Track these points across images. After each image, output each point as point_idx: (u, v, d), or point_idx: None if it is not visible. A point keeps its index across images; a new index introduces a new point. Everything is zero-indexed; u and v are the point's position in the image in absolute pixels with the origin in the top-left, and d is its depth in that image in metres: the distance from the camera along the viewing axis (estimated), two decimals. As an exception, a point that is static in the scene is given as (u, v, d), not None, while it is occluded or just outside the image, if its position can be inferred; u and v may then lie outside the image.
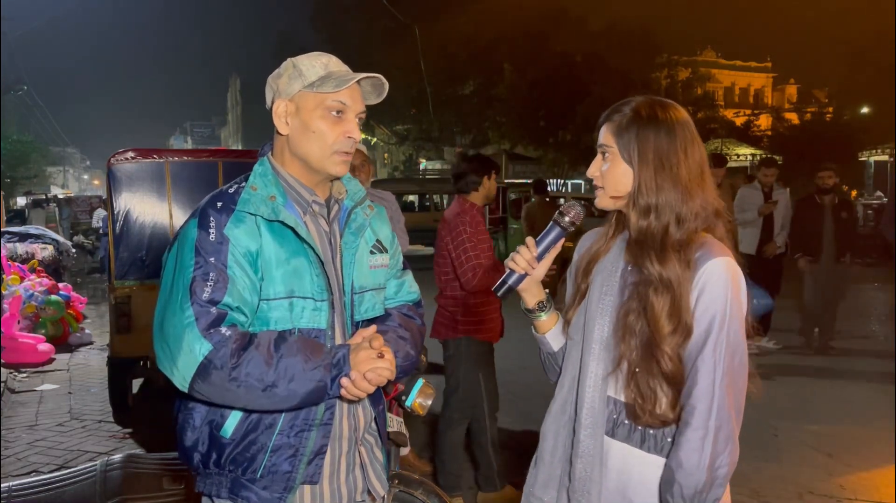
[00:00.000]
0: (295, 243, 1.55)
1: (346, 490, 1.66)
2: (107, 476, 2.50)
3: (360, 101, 1.62)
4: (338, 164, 1.60)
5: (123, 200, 5.04)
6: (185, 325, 1.44)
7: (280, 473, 1.54)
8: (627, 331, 1.47)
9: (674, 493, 1.42)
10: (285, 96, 1.60)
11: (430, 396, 2.34)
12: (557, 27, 25.43)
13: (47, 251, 10.89)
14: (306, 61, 1.60)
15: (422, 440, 4.49)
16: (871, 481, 3.95)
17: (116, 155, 5.15)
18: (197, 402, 1.55)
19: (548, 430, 1.64)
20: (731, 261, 1.44)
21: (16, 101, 35.50)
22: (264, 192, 1.57)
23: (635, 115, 1.49)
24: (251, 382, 1.43)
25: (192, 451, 1.57)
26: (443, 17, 26.08)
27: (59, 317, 7.64)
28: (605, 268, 1.57)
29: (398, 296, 1.80)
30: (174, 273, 1.52)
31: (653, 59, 25.55)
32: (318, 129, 1.57)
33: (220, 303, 1.46)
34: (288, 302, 1.54)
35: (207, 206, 1.54)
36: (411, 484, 2.43)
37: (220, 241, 1.49)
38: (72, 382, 6.30)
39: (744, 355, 1.45)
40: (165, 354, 1.49)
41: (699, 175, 1.48)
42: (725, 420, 1.42)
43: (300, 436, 1.55)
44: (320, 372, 1.47)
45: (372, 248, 1.72)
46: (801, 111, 33.18)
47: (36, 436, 4.87)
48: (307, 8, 31.24)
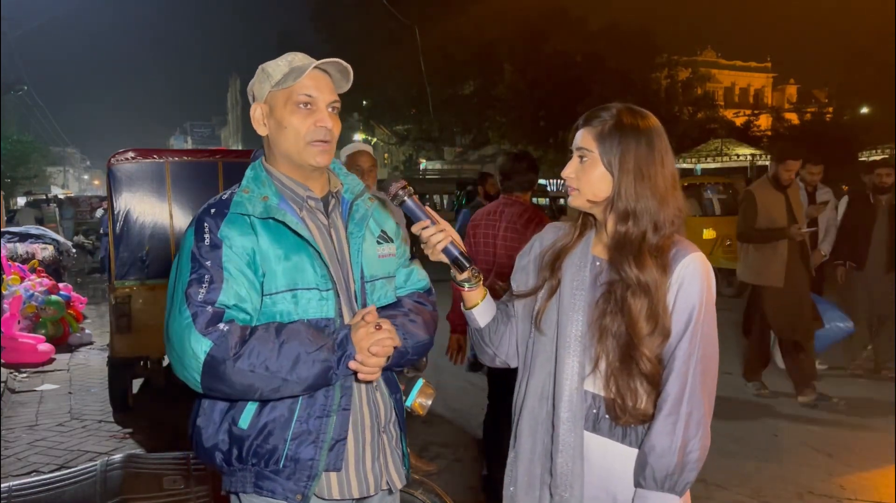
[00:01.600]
0: (292, 238, 1.59)
1: (372, 478, 1.69)
2: (107, 476, 2.50)
3: (328, 91, 1.65)
4: (315, 154, 1.63)
5: (123, 200, 5.04)
6: (185, 327, 1.49)
7: (303, 461, 1.57)
8: (603, 332, 1.52)
9: (646, 476, 1.48)
10: (259, 99, 1.67)
11: (431, 396, 2.33)
12: (557, 27, 25.43)
13: (47, 251, 10.88)
14: (273, 63, 1.68)
15: (422, 440, 4.50)
16: (871, 481, 3.95)
17: (116, 155, 5.16)
18: (215, 401, 1.60)
19: (524, 428, 1.65)
20: (704, 256, 1.53)
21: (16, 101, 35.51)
22: (256, 192, 1.62)
23: (618, 122, 1.52)
24: (257, 370, 1.47)
25: (213, 451, 1.61)
26: (443, 17, 26.07)
27: (59, 317, 7.64)
28: (573, 263, 1.61)
29: (408, 285, 1.84)
30: (175, 282, 1.57)
31: (653, 59, 25.56)
32: (289, 123, 1.62)
33: (217, 303, 1.50)
34: (291, 294, 1.57)
35: (202, 214, 1.60)
36: (411, 484, 2.42)
37: (215, 244, 1.55)
38: (72, 382, 6.29)
39: (716, 344, 1.52)
40: (174, 359, 1.54)
41: (673, 183, 1.54)
42: (697, 406, 1.47)
43: (319, 422, 1.58)
44: (324, 352, 1.51)
45: (378, 238, 1.77)
46: (801, 111, 33.17)
47: (36, 436, 4.86)
48: (307, 8, 31.25)
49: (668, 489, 1.47)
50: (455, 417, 5.02)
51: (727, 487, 3.78)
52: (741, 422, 4.81)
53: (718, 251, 10.67)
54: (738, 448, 4.39)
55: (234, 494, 1.65)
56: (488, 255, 3.55)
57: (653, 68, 25.74)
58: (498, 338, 1.74)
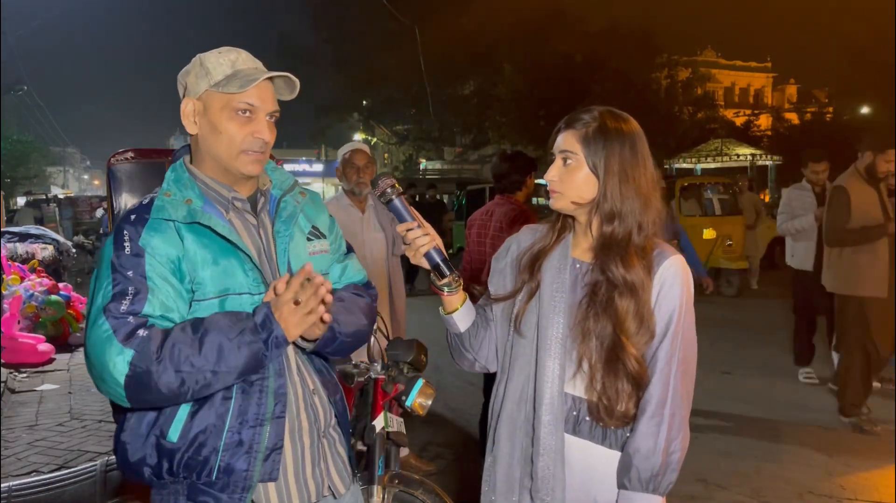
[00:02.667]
0: (220, 242, 1.53)
1: (313, 485, 1.64)
2: (107, 476, 2.50)
3: (270, 101, 1.58)
4: (247, 164, 1.57)
5: (123, 200, 5.03)
6: (105, 339, 1.41)
7: (237, 472, 1.51)
8: (586, 334, 1.53)
9: (631, 478, 1.49)
10: (193, 95, 1.57)
11: (431, 396, 2.34)
12: (557, 27, 25.39)
13: (47, 251, 10.87)
14: (213, 59, 1.56)
15: (422, 440, 4.49)
16: (871, 481, 3.94)
17: (116, 155, 5.13)
18: (142, 413, 1.53)
19: (502, 432, 1.64)
20: (683, 259, 1.56)
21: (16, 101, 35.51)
22: (179, 196, 1.54)
23: (602, 125, 1.54)
24: (183, 369, 1.40)
25: (140, 466, 1.52)
26: (443, 17, 26.03)
27: (59, 317, 7.64)
28: (553, 265, 1.61)
29: (343, 279, 1.78)
30: (93, 295, 1.49)
31: (653, 59, 25.50)
32: (225, 129, 1.54)
33: (141, 313, 1.43)
34: (219, 301, 1.52)
35: (122, 222, 1.51)
36: (411, 484, 2.42)
37: (136, 253, 1.47)
38: (72, 382, 6.29)
39: (695, 346, 1.55)
40: (95, 376, 1.46)
41: (654, 185, 1.57)
42: (679, 407, 1.50)
43: (252, 432, 1.51)
44: (247, 335, 1.44)
45: (308, 235, 1.70)
46: (801, 111, 33.18)
47: (36, 436, 4.86)
48: (307, 8, 31.15)
49: (653, 490, 1.49)
50: (455, 417, 5.02)
51: (727, 487, 3.78)
52: (741, 422, 4.83)
53: (718, 251, 10.68)
54: (738, 448, 4.40)
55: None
56: (482, 255, 3.64)
57: (653, 68, 25.68)
58: (478, 342, 1.73)
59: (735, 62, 49.67)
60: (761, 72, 51.28)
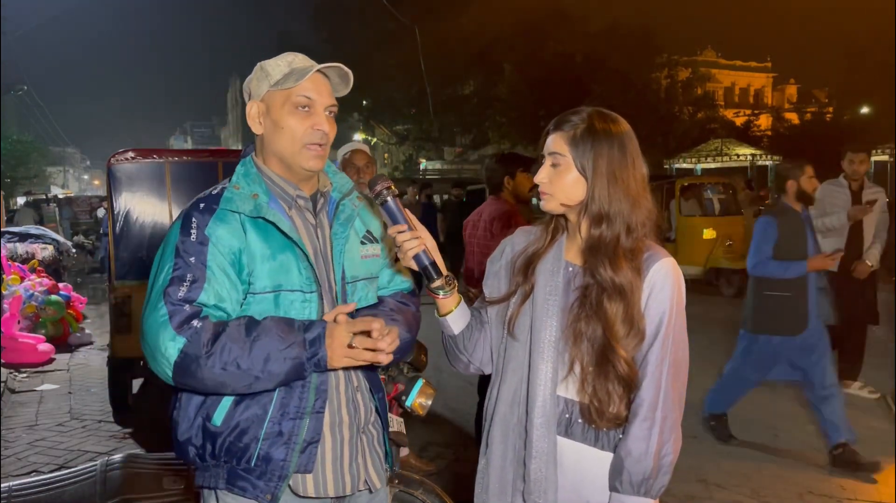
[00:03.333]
0: (280, 239, 1.59)
1: (349, 478, 1.68)
2: (107, 476, 2.50)
3: (327, 95, 1.65)
4: (310, 158, 1.63)
5: (123, 200, 5.04)
6: (160, 324, 1.49)
7: (274, 461, 1.57)
8: (578, 337, 1.53)
9: (622, 481, 1.49)
10: (256, 97, 1.66)
11: (431, 396, 2.34)
12: (557, 27, 25.41)
13: (47, 251, 10.87)
14: (272, 62, 1.66)
15: (422, 440, 4.49)
16: (871, 481, 3.95)
17: (116, 155, 5.15)
18: (190, 394, 1.60)
19: (496, 434, 1.64)
20: (675, 261, 1.55)
21: (16, 101, 35.57)
22: (247, 190, 1.61)
23: (590, 127, 1.53)
24: (229, 368, 1.47)
25: (187, 445, 1.61)
26: (443, 17, 26.01)
27: (59, 317, 7.64)
28: (546, 268, 1.61)
29: (391, 285, 1.83)
30: (155, 276, 1.56)
31: (653, 59, 25.51)
32: (286, 125, 1.62)
33: (196, 301, 1.50)
34: (273, 295, 1.57)
35: (191, 209, 1.59)
36: (411, 484, 2.42)
37: (201, 241, 1.54)
38: (72, 382, 6.30)
39: (686, 349, 1.55)
40: (148, 353, 1.54)
41: (644, 186, 1.56)
42: (671, 410, 1.50)
43: (292, 424, 1.58)
44: (294, 349, 1.51)
45: (363, 239, 1.76)
46: (801, 111, 33.14)
47: (36, 436, 4.86)
48: (307, 8, 31.17)
49: (644, 493, 1.48)
50: (455, 417, 5.02)
51: (727, 487, 3.78)
52: (741, 423, 4.82)
53: (718, 251, 10.66)
54: (737, 448, 4.40)
55: (206, 489, 1.65)
56: (472, 254, 3.82)
57: (653, 68, 25.69)
58: (472, 344, 1.73)
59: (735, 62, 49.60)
60: (761, 72, 51.24)
